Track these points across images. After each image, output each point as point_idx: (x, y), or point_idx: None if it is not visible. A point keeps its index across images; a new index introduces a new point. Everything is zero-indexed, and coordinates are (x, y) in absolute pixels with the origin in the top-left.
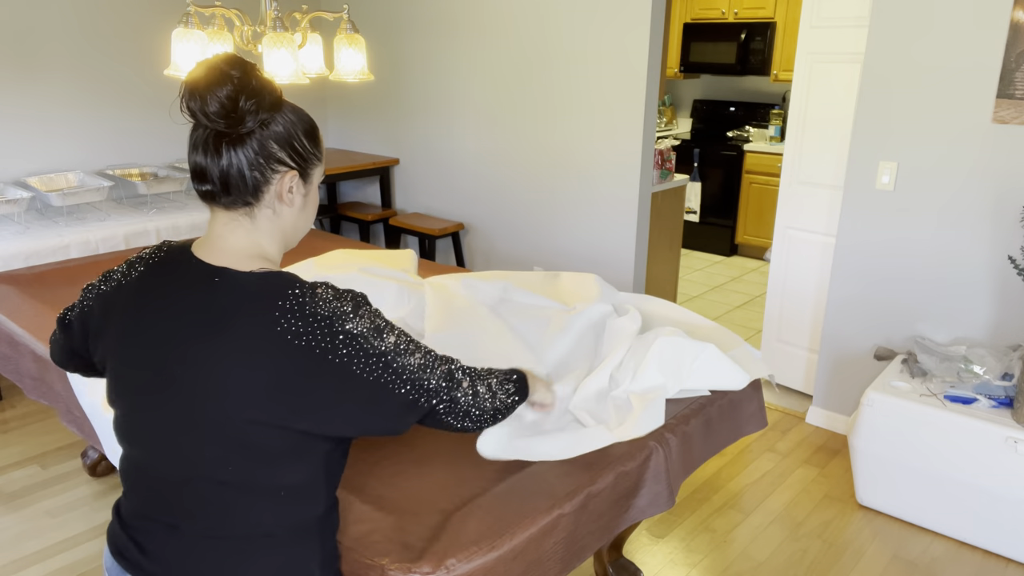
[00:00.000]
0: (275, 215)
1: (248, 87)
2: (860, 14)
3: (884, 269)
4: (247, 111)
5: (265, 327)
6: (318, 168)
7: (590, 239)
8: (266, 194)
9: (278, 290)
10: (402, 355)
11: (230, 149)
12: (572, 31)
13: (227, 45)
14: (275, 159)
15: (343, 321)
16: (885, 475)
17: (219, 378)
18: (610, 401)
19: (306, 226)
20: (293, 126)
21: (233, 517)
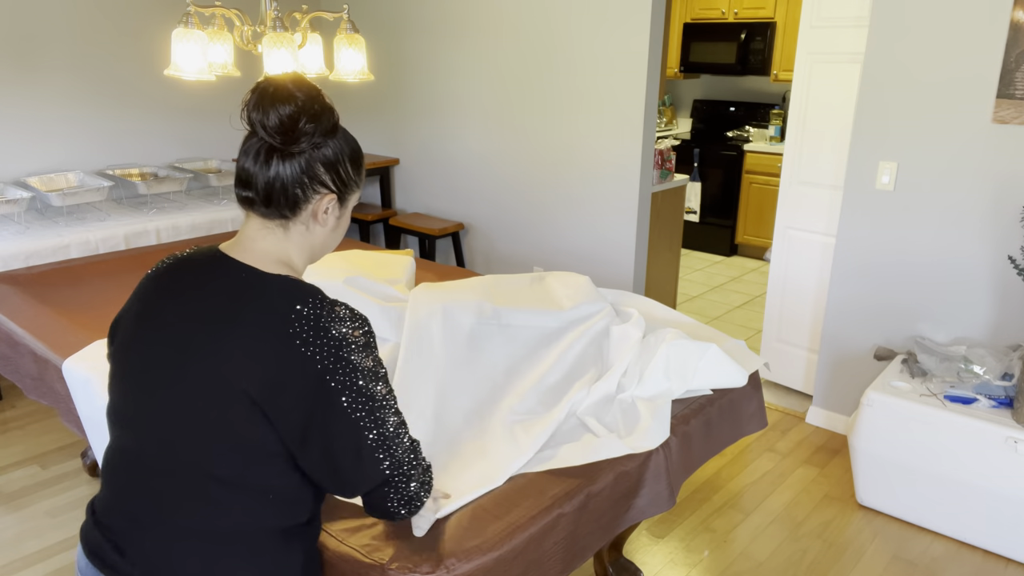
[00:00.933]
0: (307, 231)
1: (310, 110)
2: (860, 14)
3: (884, 269)
4: (303, 132)
5: (278, 326)
6: (355, 194)
7: (590, 239)
8: (303, 211)
9: (299, 296)
10: (385, 410)
11: (279, 163)
12: (572, 31)
13: (227, 45)
14: (319, 181)
15: (351, 350)
16: (885, 475)
17: (222, 365)
18: (616, 405)
19: (334, 245)
20: (341, 152)
21: (217, 514)
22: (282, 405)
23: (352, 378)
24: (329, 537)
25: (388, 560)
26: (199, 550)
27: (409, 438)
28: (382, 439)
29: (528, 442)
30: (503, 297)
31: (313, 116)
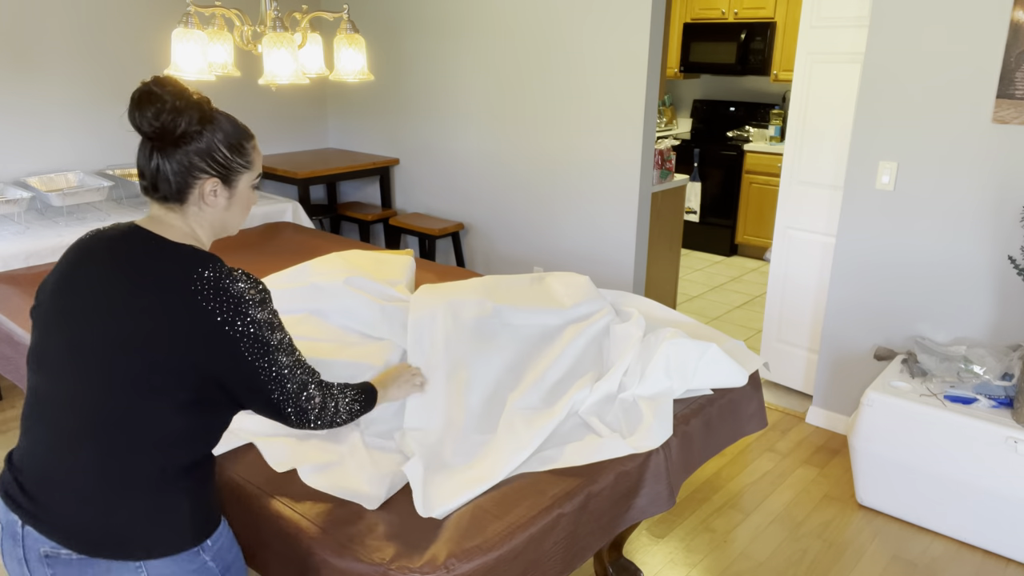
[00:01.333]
0: (200, 211)
1: (174, 108)
2: (860, 14)
3: (884, 269)
4: (169, 129)
5: (183, 285)
6: (245, 174)
7: (590, 239)
8: (190, 195)
9: (201, 261)
10: (280, 352)
11: (158, 157)
12: (572, 31)
13: (227, 45)
14: (196, 168)
15: (248, 306)
16: (885, 475)
17: (134, 314)
18: (618, 404)
19: (237, 221)
20: (214, 140)
21: (119, 453)
22: (185, 354)
23: (248, 330)
24: (328, 537)
25: (388, 560)
26: (97, 488)
27: (301, 372)
28: (276, 378)
29: (528, 437)
30: (504, 296)
31: (176, 113)
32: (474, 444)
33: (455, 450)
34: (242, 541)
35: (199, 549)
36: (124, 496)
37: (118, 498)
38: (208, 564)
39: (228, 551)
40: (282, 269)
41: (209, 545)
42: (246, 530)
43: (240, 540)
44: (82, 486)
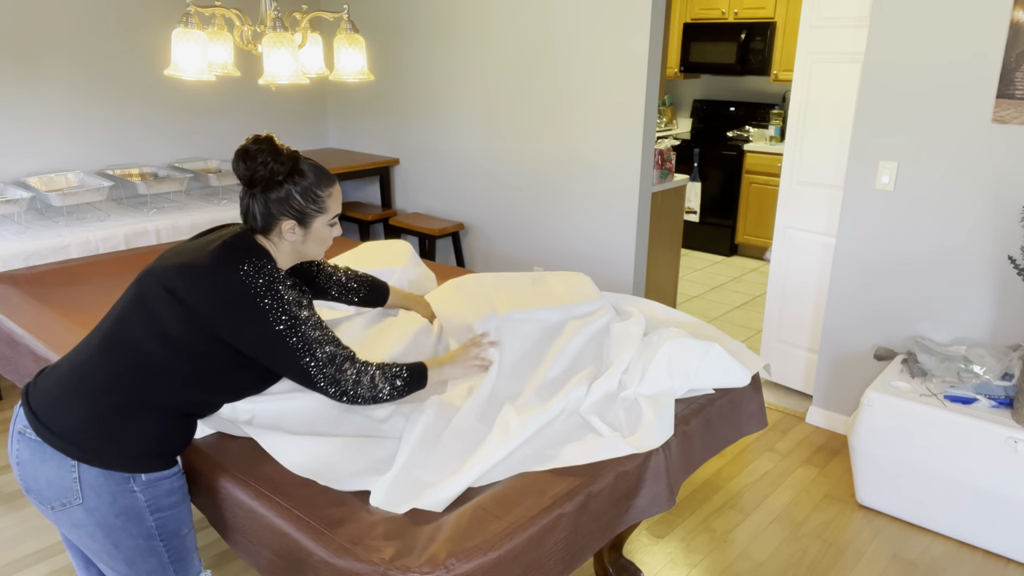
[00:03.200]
0: (280, 241)
1: (264, 165)
2: (860, 14)
3: (884, 269)
4: (258, 180)
5: (235, 271)
6: (319, 217)
7: (590, 239)
8: (272, 230)
9: (254, 252)
10: (308, 327)
11: (248, 197)
12: (572, 31)
13: (227, 45)
14: (275, 212)
15: (280, 284)
16: (885, 475)
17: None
18: (619, 403)
19: (315, 252)
20: (292, 191)
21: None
22: (225, 318)
23: (278, 302)
24: (328, 536)
25: (388, 560)
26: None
27: (331, 345)
28: (304, 348)
29: (518, 428)
30: (506, 303)
31: (264, 168)
32: (473, 439)
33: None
34: (246, 539)
35: (131, 477)
36: (95, 404)
37: (86, 400)
38: (136, 494)
39: (165, 497)
40: None
41: (143, 479)
42: (246, 530)
43: (240, 540)
44: (68, 381)
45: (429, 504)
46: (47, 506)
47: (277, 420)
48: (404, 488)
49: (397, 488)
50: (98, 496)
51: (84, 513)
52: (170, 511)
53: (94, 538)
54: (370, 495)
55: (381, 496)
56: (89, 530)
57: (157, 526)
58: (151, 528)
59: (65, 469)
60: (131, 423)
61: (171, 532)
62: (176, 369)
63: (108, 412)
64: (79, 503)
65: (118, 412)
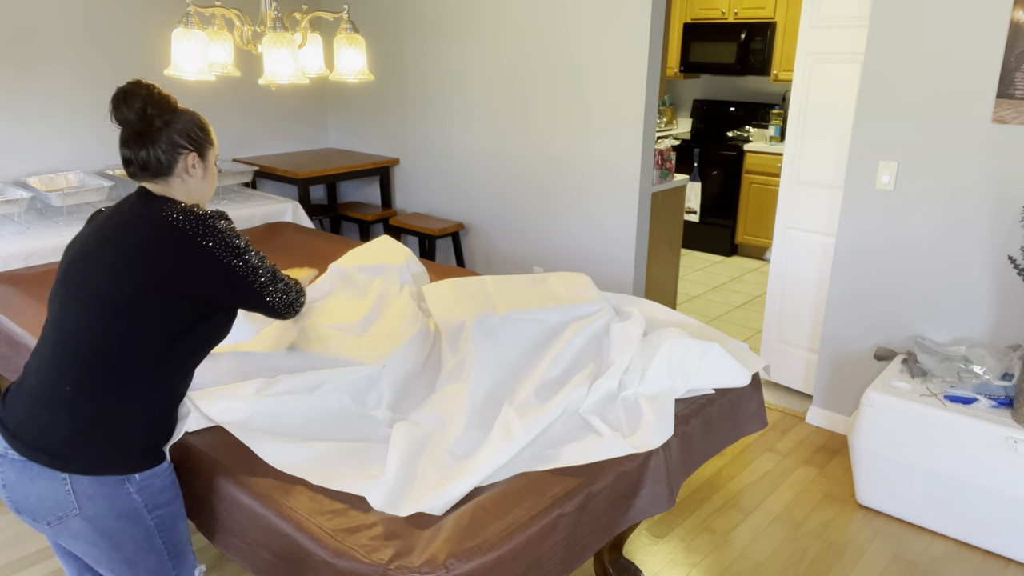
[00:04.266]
0: (183, 183)
1: (152, 100)
2: (860, 14)
3: (884, 269)
4: (153, 116)
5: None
6: (211, 150)
7: (590, 239)
8: (175, 170)
9: (171, 200)
10: (249, 254)
11: (146, 143)
12: (572, 31)
13: (227, 45)
14: (179, 146)
15: (214, 221)
16: (885, 475)
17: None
18: (619, 403)
19: (210, 192)
20: (187, 121)
21: (76, 369)
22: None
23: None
24: (328, 537)
25: (387, 560)
26: (50, 397)
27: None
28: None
29: (520, 429)
30: (506, 303)
31: (156, 103)
32: (473, 440)
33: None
34: (242, 541)
35: (125, 479)
36: (71, 410)
37: (63, 410)
38: (132, 496)
39: (160, 494)
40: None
41: (136, 479)
42: (244, 531)
43: (240, 540)
44: (39, 394)
45: (430, 507)
46: (42, 523)
47: (273, 421)
48: (405, 491)
49: (398, 491)
50: (95, 504)
51: (82, 522)
52: (167, 507)
53: (94, 545)
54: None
55: (380, 499)
56: (89, 538)
57: (156, 523)
58: (150, 526)
59: (56, 483)
60: (112, 424)
61: (168, 527)
62: (135, 346)
63: (88, 418)
64: (76, 514)
65: (97, 416)
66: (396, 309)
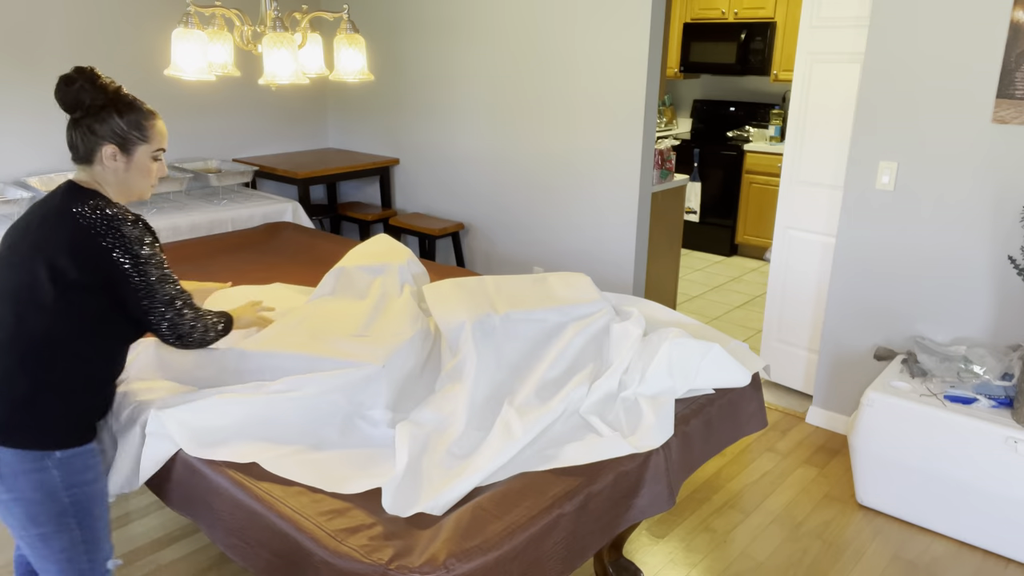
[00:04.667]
0: (104, 170)
1: (82, 90)
2: (860, 14)
3: (884, 269)
4: (79, 105)
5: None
6: (142, 146)
7: (590, 239)
8: (94, 158)
9: (89, 196)
10: (150, 266)
11: (73, 128)
12: (572, 31)
13: (227, 45)
14: (99, 135)
15: (121, 224)
16: (885, 475)
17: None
18: (619, 403)
19: (140, 185)
20: (112, 115)
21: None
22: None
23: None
24: (328, 537)
25: (387, 560)
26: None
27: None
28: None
29: (520, 430)
30: (507, 302)
31: (88, 91)
32: (473, 440)
33: (454, 445)
34: (242, 541)
35: (44, 455)
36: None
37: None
38: (51, 471)
39: (81, 473)
40: (282, 268)
41: (57, 456)
42: (245, 531)
43: (240, 540)
44: None
45: (431, 507)
46: None
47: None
48: (411, 492)
49: (405, 492)
50: (15, 476)
51: (4, 493)
52: (83, 487)
53: (13, 515)
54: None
55: (389, 500)
56: (9, 508)
57: (71, 502)
58: (65, 505)
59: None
60: (40, 402)
61: (84, 509)
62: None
63: (17, 395)
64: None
65: (28, 391)
66: (397, 309)
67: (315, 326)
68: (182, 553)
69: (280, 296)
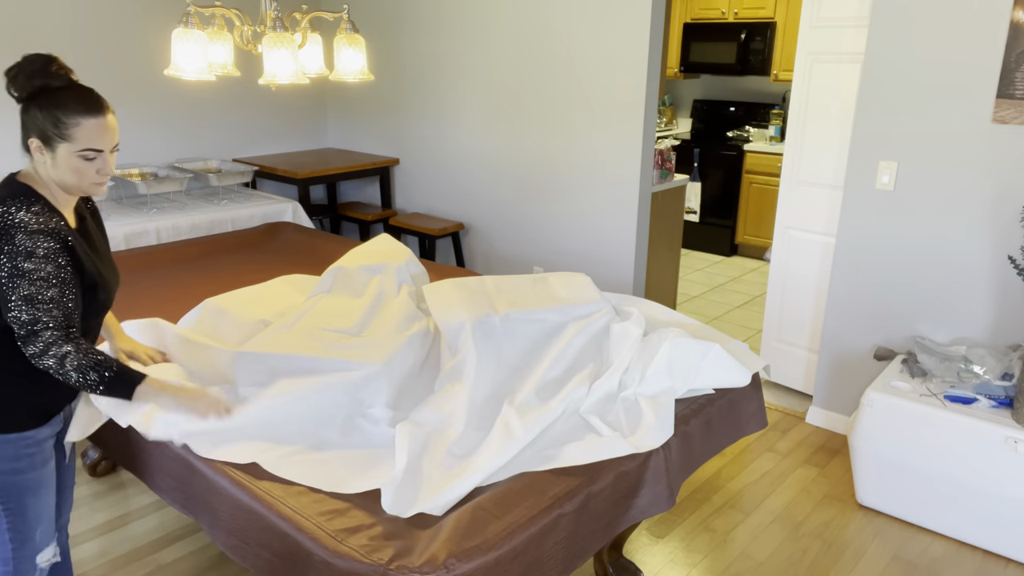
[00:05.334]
0: (33, 161)
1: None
2: (860, 14)
3: (884, 269)
4: (15, 89)
5: None
6: (62, 144)
7: (590, 239)
8: (28, 148)
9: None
10: (27, 280)
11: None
12: (572, 31)
13: (227, 45)
14: (26, 127)
15: (16, 229)
16: (885, 475)
17: None
18: (619, 403)
19: (71, 182)
20: (38, 108)
21: None
22: None
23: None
24: (328, 537)
25: (387, 560)
26: None
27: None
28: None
29: (520, 430)
30: (507, 302)
31: (15, 83)
32: (473, 440)
33: (454, 445)
34: (242, 541)
35: None
36: None
37: None
38: None
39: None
40: (282, 268)
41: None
42: (245, 531)
43: (240, 540)
44: None
45: (430, 507)
46: None
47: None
48: (412, 492)
49: (405, 492)
50: None
51: None
52: (10, 476)
53: None
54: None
55: (389, 500)
56: None
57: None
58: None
59: None
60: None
61: (11, 500)
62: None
63: None
64: None
65: None
66: (392, 309)
67: (312, 323)
68: (182, 553)
69: (280, 293)
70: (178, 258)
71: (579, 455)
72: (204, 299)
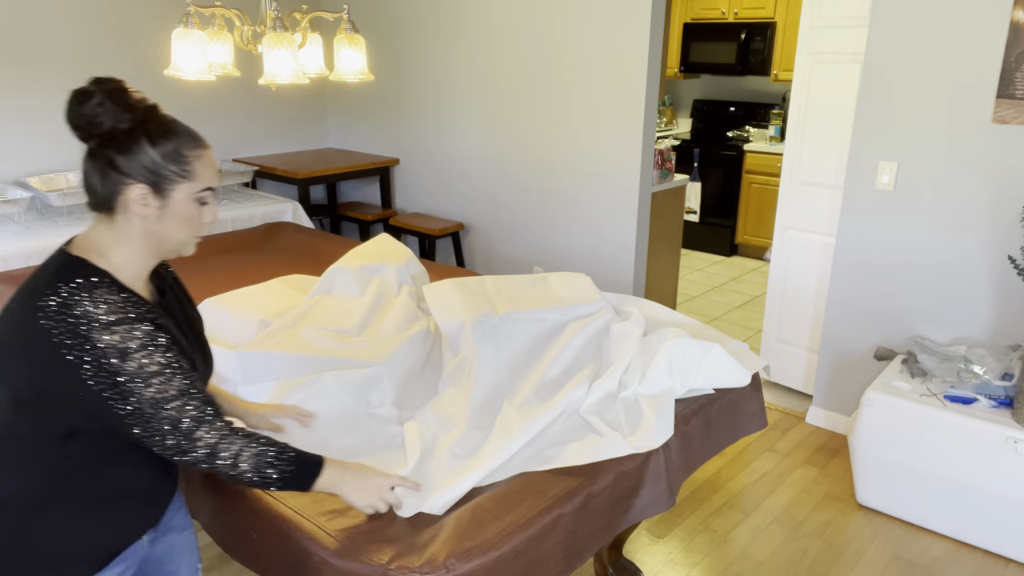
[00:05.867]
0: (128, 222)
1: (97, 103)
2: (860, 14)
3: (884, 269)
4: (94, 125)
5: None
6: (181, 185)
7: (590, 239)
8: (116, 204)
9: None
10: (138, 381)
11: (89, 162)
12: (572, 31)
13: (227, 45)
14: (119, 171)
15: (92, 327)
16: (885, 475)
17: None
18: (619, 403)
19: (176, 239)
20: (142, 142)
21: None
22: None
23: (91, 353)
24: (328, 537)
25: (387, 560)
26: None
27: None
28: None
29: (520, 428)
30: (506, 302)
31: (103, 113)
32: (473, 440)
33: (456, 444)
34: (242, 541)
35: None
36: None
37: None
38: None
39: None
40: (282, 268)
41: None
42: (246, 530)
43: (240, 540)
44: None
45: (431, 507)
46: None
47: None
48: (415, 494)
49: (410, 494)
50: None
51: None
52: None
53: None
54: None
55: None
56: None
57: None
58: None
59: None
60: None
61: None
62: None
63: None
64: None
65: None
66: (393, 309)
67: (312, 323)
68: None
69: (280, 293)
70: (178, 258)
71: (579, 455)
72: (204, 299)
